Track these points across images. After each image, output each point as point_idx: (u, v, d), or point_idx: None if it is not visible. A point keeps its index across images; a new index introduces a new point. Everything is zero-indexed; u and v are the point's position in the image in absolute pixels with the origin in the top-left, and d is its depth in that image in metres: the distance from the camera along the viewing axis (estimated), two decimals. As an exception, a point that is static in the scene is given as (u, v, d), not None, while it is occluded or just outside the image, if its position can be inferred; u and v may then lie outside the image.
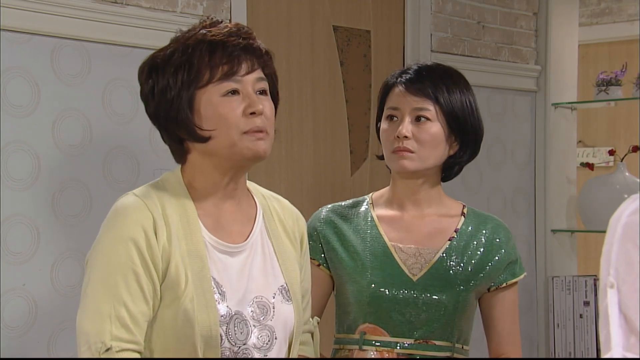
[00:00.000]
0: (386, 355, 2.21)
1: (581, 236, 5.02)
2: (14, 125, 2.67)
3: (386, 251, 2.27)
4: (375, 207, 2.35)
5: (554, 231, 4.34)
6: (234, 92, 1.90)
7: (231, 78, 1.90)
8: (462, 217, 2.33)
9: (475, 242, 2.29)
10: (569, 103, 4.40)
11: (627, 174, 4.20)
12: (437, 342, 2.23)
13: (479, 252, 2.28)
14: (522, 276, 2.33)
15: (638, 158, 4.33)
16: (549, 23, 4.36)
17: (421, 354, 2.21)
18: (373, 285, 2.23)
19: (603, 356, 1.61)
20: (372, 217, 2.33)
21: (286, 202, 2.14)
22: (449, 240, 2.29)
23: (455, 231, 2.30)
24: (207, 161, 1.95)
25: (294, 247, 2.07)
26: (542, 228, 4.36)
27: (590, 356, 4.08)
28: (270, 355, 1.94)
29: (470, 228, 2.31)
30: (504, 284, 2.30)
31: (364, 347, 2.23)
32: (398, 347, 2.22)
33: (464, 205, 2.37)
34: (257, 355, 1.91)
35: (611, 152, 4.48)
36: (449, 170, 2.35)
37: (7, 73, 2.66)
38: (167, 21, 2.99)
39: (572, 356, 4.13)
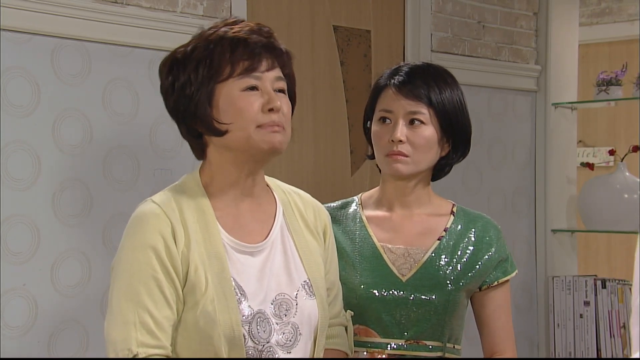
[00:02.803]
0: (377, 356, 2.21)
1: (581, 236, 5.03)
2: (14, 125, 2.67)
3: (375, 252, 2.27)
4: (364, 208, 2.35)
5: (554, 231, 4.34)
6: (253, 88, 1.93)
7: (251, 74, 1.93)
8: (452, 216, 2.33)
9: (465, 241, 2.29)
10: (569, 103, 4.40)
11: (627, 174, 4.20)
12: (428, 342, 2.22)
13: (468, 251, 2.28)
14: (513, 274, 2.32)
15: (638, 158, 4.33)
16: (549, 23, 4.36)
17: (412, 355, 2.21)
18: (362, 287, 2.23)
19: (633, 354, 1.60)
20: (361, 217, 2.33)
21: (307, 195, 2.16)
22: (438, 239, 2.29)
23: (444, 230, 2.30)
24: (224, 156, 1.97)
25: (316, 241, 2.09)
26: (542, 228, 4.36)
27: (590, 356, 4.08)
28: (295, 352, 1.96)
29: (459, 227, 2.31)
30: (496, 282, 2.29)
31: (355, 349, 2.23)
32: (389, 348, 2.21)
33: (453, 204, 2.37)
34: (280, 353, 1.94)
35: (611, 152, 4.49)
36: (439, 171, 2.36)
37: (7, 73, 2.66)
38: (167, 21, 2.99)
39: (572, 356, 4.13)
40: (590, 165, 4.45)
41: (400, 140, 2.23)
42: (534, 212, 4.38)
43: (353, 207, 2.36)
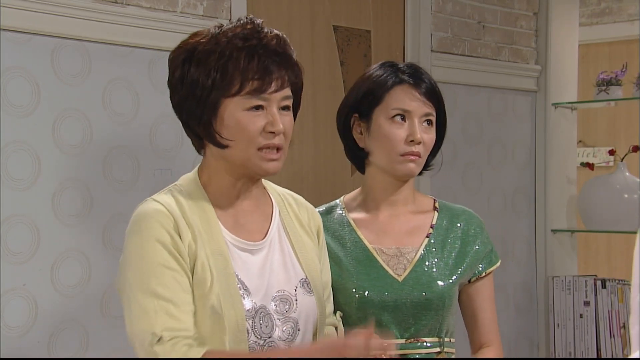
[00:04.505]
0: (378, 358, 2.21)
1: (581, 236, 5.03)
2: (14, 125, 2.67)
3: (368, 255, 2.28)
4: (349, 211, 2.36)
5: (554, 231, 4.34)
6: (259, 107, 1.93)
7: (259, 95, 1.93)
8: (435, 211, 2.36)
9: (452, 236, 2.32)
10: (569, 103, 4.40)
11: (627, 174, 4.20)
12: (427, 339, 2.24)
13: (456, 245, 2.31)
14: (498, 264, 2.36)
15: (638, 158, 4.33)
16: (549, 23, 4.36)
17: (412, 353, 2.22)
18: (361, 292, 2.23)
19: (633, 353, 1.60)
20: (348, 221, 2.33)
21: (301, 198, 2.19)
22: (427, 236, 2.31)
23: (431, 227, 2.33)
24: (220, 163, 1.99)
25: (311, 240, 2.12)
26: (542, 228, 4.36)
27: (590, 356, 4.08)
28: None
29: (444, 222, 2.34)
30: (484, 274, 2.33)
31: None
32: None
33: (434, 200, 2.39)
34: (282, 346, 1.95)
35: (611, 152, 4.49)
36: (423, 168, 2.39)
37: (7, 73, 2.66)
38: (167, 21, 2.99)
39: (572, 356, 4.13)
40: (590, 165, 4.45)
41: (419, 142, 2.25)
42: (534, 212, 4.38)
43: (338, 211, 2.36)
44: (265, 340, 1.94)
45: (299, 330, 1.99)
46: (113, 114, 2.89)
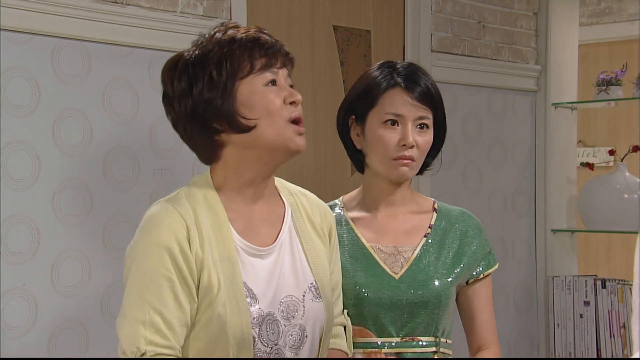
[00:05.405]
0: (373, 357, 2.22)
1: (581, 236, 5.03)
2: (14, 125, 2.67)
3: (365, 252, 2.29)
4: (347, 211, 2.37)
5: (554, 231, 4.34)
6: (274, 82, 1.96)
7: (270, 69, 1.96)
8: (434, 212, 2.36)
9: (450, 237, 2.32)
10: (569, 103, 4.40)
11: (627, 174, 4.21)
12: (423, 339, 2.25)
13: (454, 246, 2.31)
14: (496, 266, 2.37)
15: (638, 158, 4.33)
16: (549, 23, 4.36)
17: (408, 352, 2.23)
18: (357, 288, 2.24)
19: (634, 354, 1.60)
20: (346, 220, 2.34)
21: (313, 196, 2.18)
22: (425, 236, 2.32)
23: (429, 227, 2.33)
24: (245, 155, 1.96)
25: (322, 242, 2.11)
26: (542, 228, 4.36)
27: (590, 356, 4.08)
28: (301, 353, 1.98)
29: (443, 223, 2.34)
30: (482, 275, 2.33)
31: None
32: (385, 347, 2.22)
33: (434, 201, 2.40)
34: (288, 353, 1.95)
35: (611, 152, 4.49)
36: (422, 169, 2.39)
37: (7, 73, 2.66)
38: (167, 21, 3.00)
39: (572, 356, 4.13)
40: (590, 165, 4.45)
41: (412, 146, 2.25)
42: (534, 212, 4.38)
43: (337, 210, 2.37)
44: (272, 347, 1.93)
45: (306, 336, 1.99)
46: (113, 114, 2.89)
